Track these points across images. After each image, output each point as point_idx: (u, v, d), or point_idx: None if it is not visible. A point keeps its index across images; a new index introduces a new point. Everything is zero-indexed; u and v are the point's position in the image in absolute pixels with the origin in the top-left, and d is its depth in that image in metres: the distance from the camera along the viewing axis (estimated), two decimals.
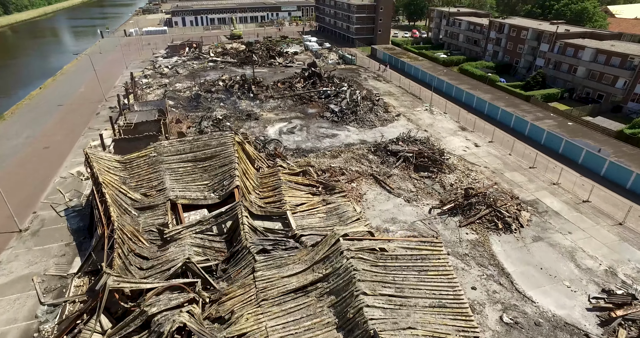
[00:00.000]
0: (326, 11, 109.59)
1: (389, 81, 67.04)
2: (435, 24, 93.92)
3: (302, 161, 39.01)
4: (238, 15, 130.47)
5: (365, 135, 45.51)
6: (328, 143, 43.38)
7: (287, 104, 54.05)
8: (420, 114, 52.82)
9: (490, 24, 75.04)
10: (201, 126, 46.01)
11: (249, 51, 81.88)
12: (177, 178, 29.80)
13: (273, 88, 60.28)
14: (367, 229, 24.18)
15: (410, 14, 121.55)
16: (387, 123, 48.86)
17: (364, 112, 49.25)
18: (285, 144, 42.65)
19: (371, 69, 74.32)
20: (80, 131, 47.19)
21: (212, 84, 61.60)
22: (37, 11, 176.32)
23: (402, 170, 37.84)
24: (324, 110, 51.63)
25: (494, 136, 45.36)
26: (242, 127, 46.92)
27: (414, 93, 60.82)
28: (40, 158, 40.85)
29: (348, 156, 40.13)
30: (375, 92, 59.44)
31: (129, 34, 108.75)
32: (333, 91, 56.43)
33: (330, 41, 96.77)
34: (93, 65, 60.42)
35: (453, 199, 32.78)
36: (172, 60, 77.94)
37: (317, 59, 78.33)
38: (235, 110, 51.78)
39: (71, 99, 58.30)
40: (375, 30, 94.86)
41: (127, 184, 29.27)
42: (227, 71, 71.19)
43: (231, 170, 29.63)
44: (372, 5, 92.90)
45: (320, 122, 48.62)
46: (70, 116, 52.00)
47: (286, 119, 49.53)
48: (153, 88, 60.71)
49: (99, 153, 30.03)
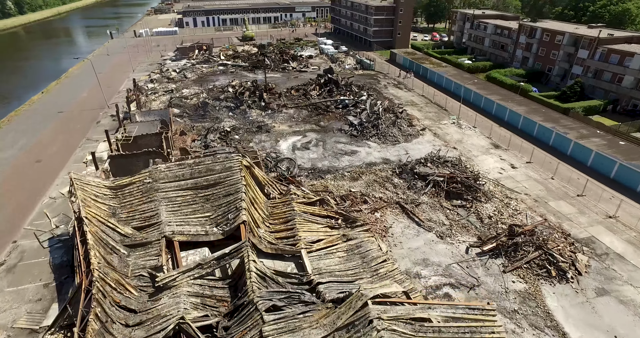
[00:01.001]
0: (342, 12, 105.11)
1: (410, 89, 62.27)
2: (458, 27, 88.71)
3: (318, 184, 34.67)
4: (250, 16, 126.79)
5: (388, 152, 40.95)
6: (347, 161, 38.94)
7: (302, 114, 49.75)
8: (447, 128, 48.00)
9: (519, 28, 69.67)
10: (207, 139, 42.00)
11: (261, 54, 77.88)
12: (175, 209, 25.70)
13: (286, 96, 56.09)
14: (402, 288, 19.69)
15: (429, 16, 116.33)
16: (412, 139, 44.20)
17: (386, 126, 44.67)
18: (299, 162, 38.35)
19: (391, 75, 69.61)
20: (78, 143, 43.59)
21: (221, 91, 57.71)
22: (50, 11, 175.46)
23: (431, 197, 33.21)
24: (342, 122, 47.18)
25: (532, 155, 40.36)
26: (251, 140, 42.80)
27: (438, 103, 55.96)
28: (30, 174, 37.27)
29: (370, 179, 35.62)
30: (397, 102, 54.79)
31: (139, 34, 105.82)
32: (351, 100, 51.96)
33: (347, 44, 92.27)
34: (95, 70, 56.97)
35: (494, 237, 28.06)
36: (181, 63, 74.36)
37: (333, 64, 73.93)
38: (244, 121, 47.69)
39: (72, 106, 54.94)
40: (394, 33, 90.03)
41: (116, 215, 25.29)
42: (237, 76, 67.29)
43: (237, 201, 25.43)
44: (391, 6, 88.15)
45: (338, 136, 44.20)
46: (69, 124, 48.53)
47: (300, 132, 45.23)
48: (158, 94, 57.03)
49: (86, 178, 26.09)
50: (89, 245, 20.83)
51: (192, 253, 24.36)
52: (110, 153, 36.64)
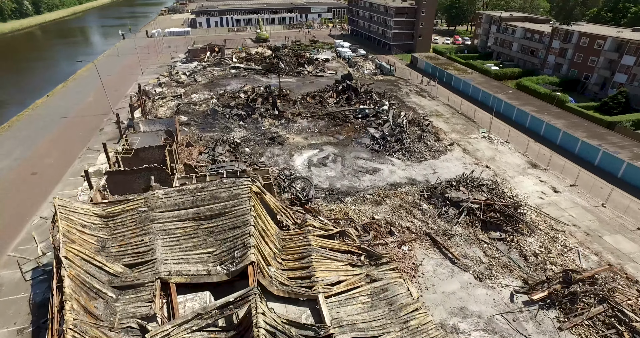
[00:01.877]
0: (360, 14, 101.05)
1: (434, 98, 57.96)
2: (483, 30, 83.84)
3: (337, 208, 30.83)
4: (265, 17, 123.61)
5: (413, 171, 36.90)
6: (369, 181, 35.02)
7: (318, 125, 45.98)
8: (477, 143, 43.67)
9: (553, 32, 64.68)
10: (215, 152, 38.57)
11: (275, 57, 74.41)
12: (173, 244, 22.15)
13: (301, 103, 52.42)
14: None
15: (450, 18, 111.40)
16: (439, 155, 40.04)
17: (411, 140, 40.59)
18: (315, 181, 34.59)
19: (413, 81, 65.35)
20: (77, 153, 40.62)
21: (232, 96, 54.35)
22: (66, 11, 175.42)
23: (466, 228, 29.08)
24: (362, 135, 43.25)
25: (577, 177, 35.79)
26: (263, 154, 39.21)
27: (466, 114, 51.57)
28: (23, 188, 34.31)
29: (395, 204, 31.63)
30: (422, 113, 50.59)
31: (151, 35, 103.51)
32: (372, 109, 48.00)
33: (364, 47, 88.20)
34: (103, 72, 54.15)
35: (543, 282, 23.84)
36: (192, 65, 71.35)
37: (351, 69, 69.98)
38: (256, 131, 44.14)
39: (76, 111, 52.22)
40: (414, 36, 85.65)
41: (106, 249, 21.87)
42: (250, 80, 63.91)
43: (245, 236, 21.76)
44: (413, 8, 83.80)
45: (358, 151, 40.29)
46: (70, 131, 45.68)
47: (317, 145, 41.46)
48: (166, 99, 53.94)
49: (73, 204, 22.73)
50: (65, 294, 17.39)
51: (191, 297, 20.78)
52: (108, 168, 33.46)
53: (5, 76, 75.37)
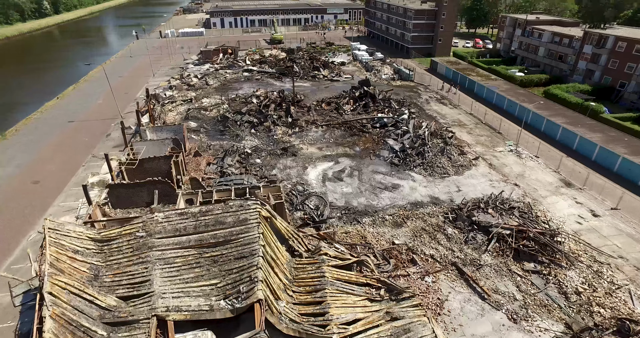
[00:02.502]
0: (377, 15, 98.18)
1: (456, 106, 54.88)
2: (506, 34, 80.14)
3: (354, 231, 28.29)
4: (280, 18, 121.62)
5: (436, 188, 34.11)
6: (388, 199, 32.37)
7: (334, 134, 43.47)
8: (504, 157, 40.58)
9: (585, 36, 60.85)
10: (224, 162, 36.42)
11: (290, 59, 72.18)
12: (173, 275, 19.93)
13: (316, 110, 49.99)
14: None
15: (471, 21, 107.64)
16: (463, 170, 37.13)
17: (434, 154, 37.77)
18: (330, 197, 32.11)
19: (433, 88, 62.32)
20: (82, 160, 38.99)
21: (244, 101, 52.27)
22: (84, 11, 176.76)
23: (496, 256, 26.23)
24: (380, 146, 40.60)
25: (620, 200, 32.45)
26: (275, 166, 36.90)
27: (490, 124, 48.41)
28: (22, 199, 32.69)
29: (417, 226, 28.93)
30: (444, 122, 47.63)
31: (164, 35, 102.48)
32: (390, 118, 45.29)
33: (381, 49, 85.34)
34: (115, 74, 52.63)
35: (590, 329, 20.88)
36: (204, 68, 69.61)
37: (368, 73, 67.33)
38: (268, 140, 41.89)
39: (84, 114, 50.82)
40: (434, 40, 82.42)
41: (99, 278, 19.80)
42: (263, 84, 61.80)
43: (252, 269, 19.42)
44: (433, 10, 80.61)
45: (376, 164, 37.65)
46: (76, 137, 44.17)
47: (332, 157, 38.97)
48: (176, 103, 52.14)
49: (65, 226, 20.72)
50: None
51: (191, 335, 18.57)
52: (111, 180, 31.63)
53: (22, 77, 74.83)
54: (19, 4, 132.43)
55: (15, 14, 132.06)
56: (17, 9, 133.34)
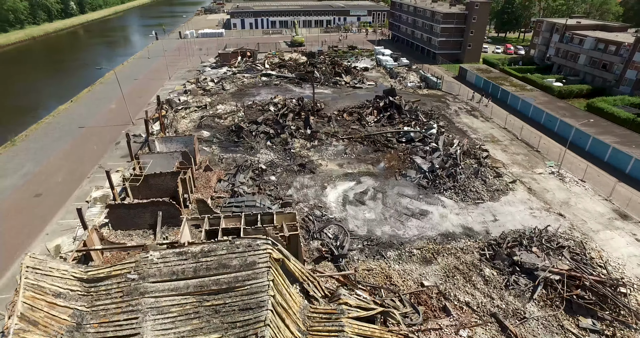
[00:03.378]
0: (403, 18, 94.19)
1: (488, 118, 50.66)
2: (542, 40, 74.95)
3: (377, 268, 24.93)
4: (301, 19, 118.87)
5: (469, 216, 30.37)
6: (415, 228, 28.86)
7: (356, 149, 40.13)
8: (544, 180, 36.40)
9: (636, 43, 55.48)
10: (236, 179, 33.60)
11: (310, 64, 69.16)
12: (167, 327, 17.05)
13: (337, 120, 46.79)
14: None
15: (501, 25, 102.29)
16: (499, 196, 33.20)
17: (466, 176, 33.98)
18: (351, 224, 28.85)
19: (462, 97, 58.17)
20: (88, 170, 36.88)
21: (260, 109, 49.53)
22: (108, 10, 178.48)
23: (543, 307, 22.42)
24: (407, 164, 37.04)
25: None
26: (291, 185, 33.86)
27: (527, 141, 44.10)
28: (21, 214, 30.64)
29: (449, 264, 25.36)
30: (476, 139, 43.62)
31: (184, 36, 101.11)
32: (417, 133, 41.65)
33: (406, 54, 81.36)
34: (119, 83, 50.74)
35: None
36: (221, 71, 67.33)
37: (393, 80, 63.66)
38: (285, 154, 38.90)
39: (96, 119, 49.03)
40: (463, 45, 77.96)
41: (82, 327, 17.11)
42: (281, 90, 58.99)
43: (259, 325, 16.35)
44: (463, 14, 76.19)
45: (402, 186, 34.13)
46: (85, 144, 42.24)
47: (353, 176, 35.65)
48: (190, 110, 49.80)
49: (48, 264, 18.13)
50: None
51: None
52: (112, 199, 29.20)
53: (41, 78, 74.31)
54: (46, 4, 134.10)
55: (42, 14, 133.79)
56: (45, 9, 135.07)
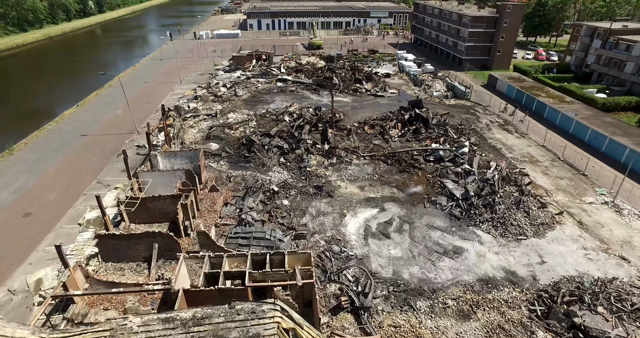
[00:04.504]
0: (426, 21, 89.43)
1: (524, 134, 45.84)
2: (580, 45, 69.29)
3: (406, 323, 20.88)
4: (320, 20, 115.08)
5: (511, 256, 26.04)
6: (448, 270, 24.71)
7: (379, 169, 36.06)
8: (597, 211, 31.64)
9: None
10: (244, 203, 29.97)
11: (329, 69, 65.26)
12: None
13: (357, 133, 42.82)
14: None
15: (531, 28, 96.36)
16: (545, 230, 28.69)
17: (506, 206, 29.57)
18: (374, 264, 24.88)
19: (493, 109, 53.39)
20: (85, 186, 33.82)
21: (274, 119, 45.92)
22: (126, 10, 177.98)
23: None
24: (436, 189, 32.80)
25: None
26: (306, 211, 30.05)
27: (570, 162, 39.25)
28: (6, 238, 27.64)
29: (491, 321, 21.13)
30: (512, 159, 38.99)
31: (199, 37, 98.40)
32: (447, 151, 37.33)
33: (430, 60, 76.70)
34: (125, 89, 47.71)
35: None
36: (234, 75, 64.03)
37: (417, 88, 59.27)
38: (299, 172, 35.11)
39: (99, 127, 46.17)
40: (492, 51, 72.88)
41: None
42: (297, 97, 55.29)
43: None
44: (492, 17, 71.13)
45: (432, 215, 29.94)
46: (85, 155, 39.33)
47: (376, 201, 31.61)
48: (199, 118, 46.52)
49: (4, 328, 14.71)
50: None
51: None
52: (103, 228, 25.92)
53: (52, 80, 72.30)
54: (66, 4, 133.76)
55: (61, 14, 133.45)
56: (64, 9, 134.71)
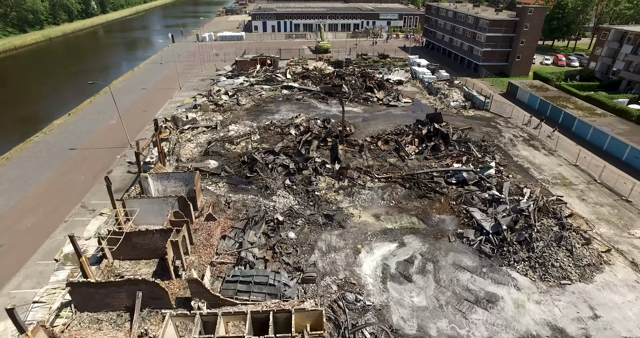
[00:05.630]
0: (439, 24, 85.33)
1: (552, 151, 41.71)
2: (607, 51, 64.94)
3: None
4: (327, 22, 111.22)
5: (555, 307, 22.11)
6: (482, 325, 20.84)
7: (396, 194, 32.17)
8: None
9: None
10: (244, 237, 26.25)
11: (338, 75, 61.45)
12: None
13: (370, 149, 39.03)
14: None
15: (550, 32, 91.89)
16: (592, 273, 24.71)
17: (545, 243, 25.61)
18: (395, 317, 21.07)
19: (515, 121, 49.26)
20: (67, 211, 30.30)
21: (279, 132, 42.22)
22: (129, 10, 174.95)
23: None
24: (461, 219, 28.91)
25: None
26: (315, 245, 26.29)
27: (608, 185, 35.11)
28: None
29: None
30: (543, 182, 34.91)
31: (202, 39, 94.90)
32: (471, 173, 33.39)
33: (444, 65, 72.66)
34: (115, 100, 44.08)
35: None
36: (237, 81, 60.37)
37: (433, 97, 55.32)
38: (307, 196, 31.33)
39: (90, 139, 42.64)
40: (511, 57, 68.74)
41: None
42: (304, 106, 51.56)
43: None
44: (512, 21, 66.98)
45: (458, 252, 26.06)
46: (72, 173, 35.81)
47: (394, 233, 27.76)
48: (197, 131, 42.89)
49: None
50: None
51: None
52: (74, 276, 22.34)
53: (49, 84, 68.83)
54: (67, 4, 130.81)
55: (63, 14, 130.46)
56: (66, 9, 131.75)
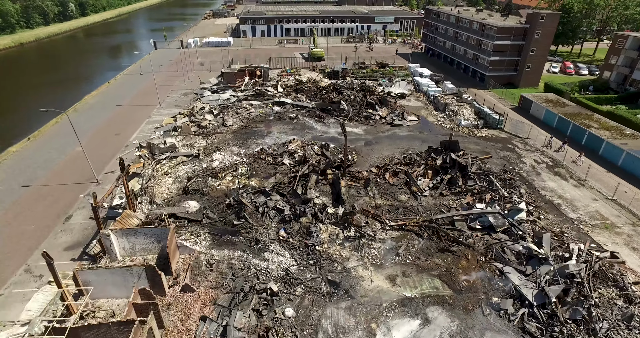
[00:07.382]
0: (440, 30, 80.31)
1: (582, 181, 36.67)
2: (623, 60, 60.59)
3: None
4: (320, 27, 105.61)
5: None
6: None
7: (412, 246, 26.73)
8: None
9: None
10: (230, 320, 20.57)
11: (334, 89, 55.94)
12: None
13: (376, 183, 33.61)
14: None
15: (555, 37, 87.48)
16: None
17: (610, 324, 20.39)
18: None
19: (533, 142, 44.23)
20: (7, 278, 24.25)
21: (271, 161, 36.58)
22: (111, 13, 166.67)
23: None
24: (495, 282, 23.59)
25: None
26: (318, 327, 20.71)
27: None
28: None
29: None
30: (580, 224, 29.73)
31: (186, 45, 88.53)
32: (498, 216, 28.13)
33: (445, 73, 67.61)
34: (75, 131, 37.96)
35: None
36: (223, 97, 54.43)
37: (440, 114, 50.10)
38: (306, 252, 25.76)
39: (50, 172, 36.39)
40: (520, 66, 64.02)
41: None
42: (298, 126, 45.95)
43: None
44: (522, 28, 62.22)
45: (495, 331, 20.60)
46: (20, 220, 29.66)
47: (415, 304, 22.29)
48: (176, 161, 37.01)
49: None
50: None
51: None
52: None
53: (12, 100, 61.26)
54: (42, 7, 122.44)
55: (37, 17, 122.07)
56: (41, 12, 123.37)
